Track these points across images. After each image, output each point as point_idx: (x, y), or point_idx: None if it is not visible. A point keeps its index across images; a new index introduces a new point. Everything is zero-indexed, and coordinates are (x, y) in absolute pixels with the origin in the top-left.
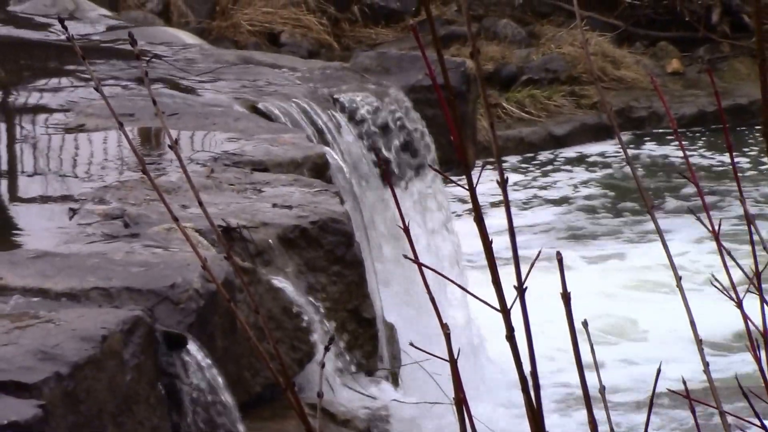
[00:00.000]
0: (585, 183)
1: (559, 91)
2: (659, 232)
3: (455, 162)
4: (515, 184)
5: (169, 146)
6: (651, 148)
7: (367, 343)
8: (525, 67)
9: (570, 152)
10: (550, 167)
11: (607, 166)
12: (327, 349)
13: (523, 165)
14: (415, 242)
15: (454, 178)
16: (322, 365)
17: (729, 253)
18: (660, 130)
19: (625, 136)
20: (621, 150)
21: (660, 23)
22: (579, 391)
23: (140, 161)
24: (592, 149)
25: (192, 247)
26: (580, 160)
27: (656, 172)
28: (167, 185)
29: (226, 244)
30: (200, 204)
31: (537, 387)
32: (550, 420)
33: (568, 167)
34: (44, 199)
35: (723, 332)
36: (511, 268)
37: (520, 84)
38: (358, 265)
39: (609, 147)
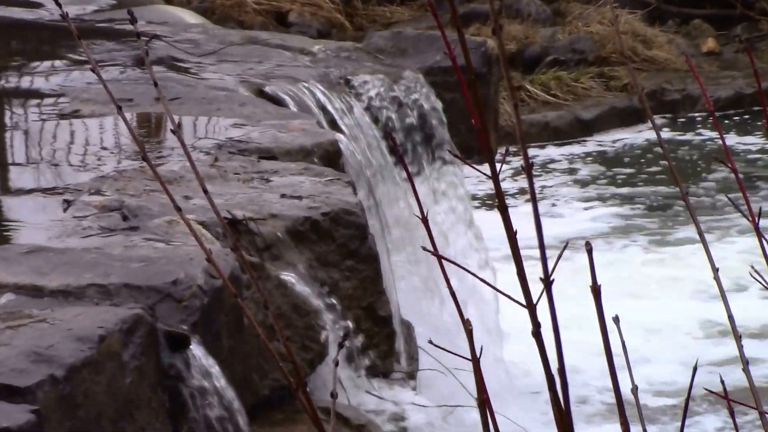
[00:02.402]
0: (616, 169)
1: (587, 73)
2: (695, 220)
3: (476, 149)
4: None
5: (172, 131)
6: (685, 133)
7: (383, 343)
8: (550, 47)
9: (599, 137)
10: (578, 153)
11: (638, 151)
12: (341, 345)
13: (550, 151)
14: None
15: (475, 166)
16: (336, 363)
17: None
18: (695, 114)
19: (658, 120)
20: (654, 135)
21: (694, 0)
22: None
23: (140, 147)
24: (622, 134)
25: (196, 238)
26: (610, 146)
27: (691, 157)
28: (168, 175)
29: (233, 235)
30: (205, 192)
31: (565, 385)
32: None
33: (597, 153)
34: (37, 191)
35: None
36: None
37: (545, 65)
38: (372, 260)
39: (640, 132)
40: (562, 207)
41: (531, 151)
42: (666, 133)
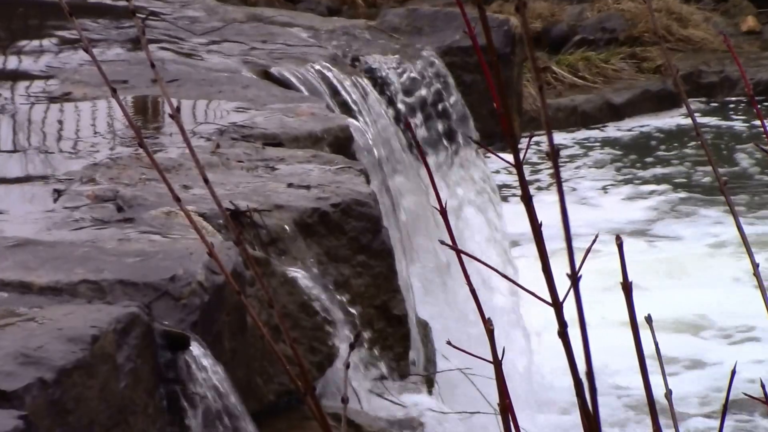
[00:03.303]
0: (650, 158)
1: (618, 54)
2: (733, 212)
3: (498, 135)
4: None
5: (170, 115)
6: (723, 118)
7: (398, 344)
8: (578, 25)
9: (631, 123)
10: (608, 140)
11: (673, 137)
12: (352, 347)
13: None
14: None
15: (498, 153)
16: (347, 366)
17: None
18: (733, 98)
19: (694, 105)
20: (689, 120)
21: None
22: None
23: (136, 133)
24: (655, 119)
25: (197, 231)
26: (642, 132)
27: (730, 144)
28: (166, 162)
29: (236, 228)
30: (206, 182)
31: (593, 390)
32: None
33: (629, 140)
34: (25, 179)
35: None
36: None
37: (573, 45)
38: (386, 255)
39: (675, 117)
40: (592, 198)
41: (557, 136)
42: (703, 118)
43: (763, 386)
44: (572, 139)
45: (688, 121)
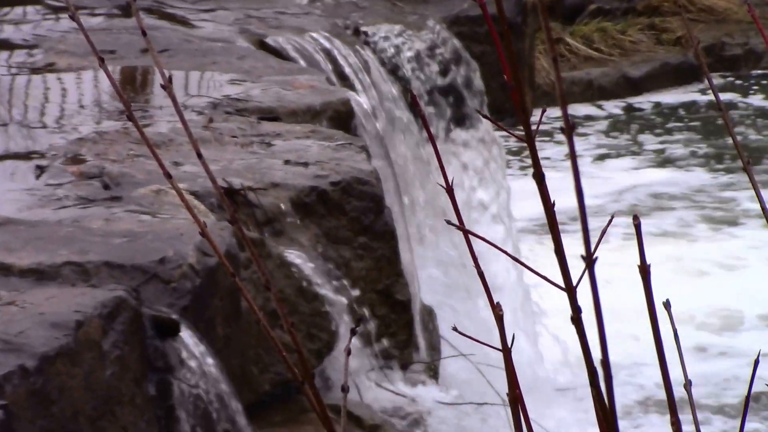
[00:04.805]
0: (669, 137)
1: (636, 24)
2: (758, 193)
3: (509, 110)
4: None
5: (162, 86)
6: (747, 93)
7: (401, 331)
8: None
9: (649, 98)
10: (625, 117)
11: (692, 114)
12: (353, 332)
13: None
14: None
15: (509, 129)
16: (348, 352)
17: None
18: (758, 72)
19: (716, 79)
20: (711, 95)
21: None
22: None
23: (125, 105)
24: (675, 95)
25: (188, 210)
26: (661, 108)
27: (755, 121)
28: (156, 137)
29: (230, 205)
30: (199, 156)
31: (609, 379)
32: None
33: (647, 116)
34: (5, 155)
35: None
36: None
37: (588, 15)
38: (389, 236)
39: (696, 92)
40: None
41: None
42: (726, 93)
43: None
44: (587, 114)
45: (710, 96)
